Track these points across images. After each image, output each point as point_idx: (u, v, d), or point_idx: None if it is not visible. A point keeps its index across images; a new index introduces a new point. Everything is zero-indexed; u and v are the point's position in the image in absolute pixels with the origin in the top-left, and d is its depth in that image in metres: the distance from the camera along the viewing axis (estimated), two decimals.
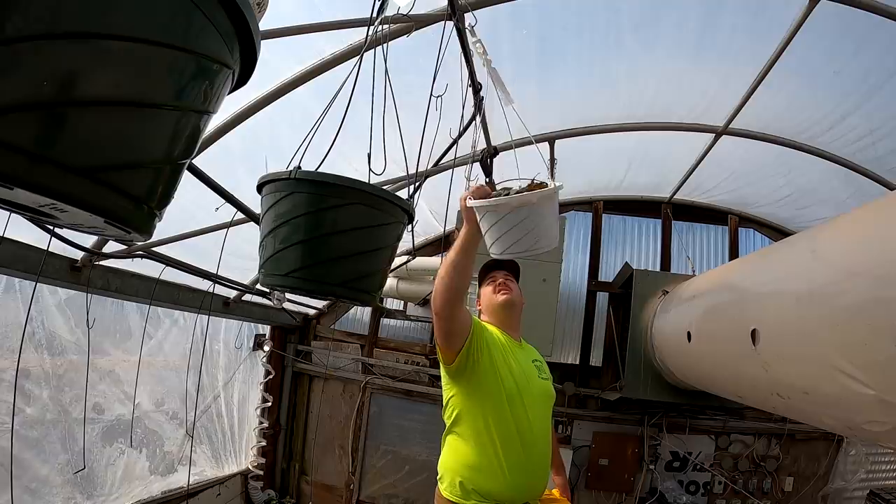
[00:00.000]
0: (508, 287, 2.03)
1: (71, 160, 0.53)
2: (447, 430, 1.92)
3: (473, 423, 1.82)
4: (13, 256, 2.19)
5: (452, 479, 1.82)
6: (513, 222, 1.37)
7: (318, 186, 1.19)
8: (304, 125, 1.42)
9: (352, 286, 1.24)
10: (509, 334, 2.01)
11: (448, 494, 1.82)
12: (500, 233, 1.39)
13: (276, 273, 1.20)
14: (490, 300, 2.05)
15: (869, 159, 3.28)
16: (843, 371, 1.30)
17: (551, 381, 2.11)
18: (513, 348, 1.96)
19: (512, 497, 1.78)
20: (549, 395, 2.02)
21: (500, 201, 1.37)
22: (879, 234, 1.29)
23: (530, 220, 1.35)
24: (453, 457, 1.85)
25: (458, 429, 1.87)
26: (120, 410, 3.09)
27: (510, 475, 1.76)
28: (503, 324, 2.02)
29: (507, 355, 1.91)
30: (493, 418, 1.80)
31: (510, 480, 1.76)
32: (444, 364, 1.85)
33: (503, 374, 1.84)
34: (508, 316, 2.03)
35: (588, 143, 3.64)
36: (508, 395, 1.82)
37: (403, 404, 4.65)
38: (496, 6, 2.30)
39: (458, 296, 1.68)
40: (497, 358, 1.86)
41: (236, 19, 0.68)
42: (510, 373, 1.86)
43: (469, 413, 1.84)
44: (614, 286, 4.41)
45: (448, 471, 1.85)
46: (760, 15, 2.46)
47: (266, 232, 1.23)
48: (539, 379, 1.98)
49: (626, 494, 4.25)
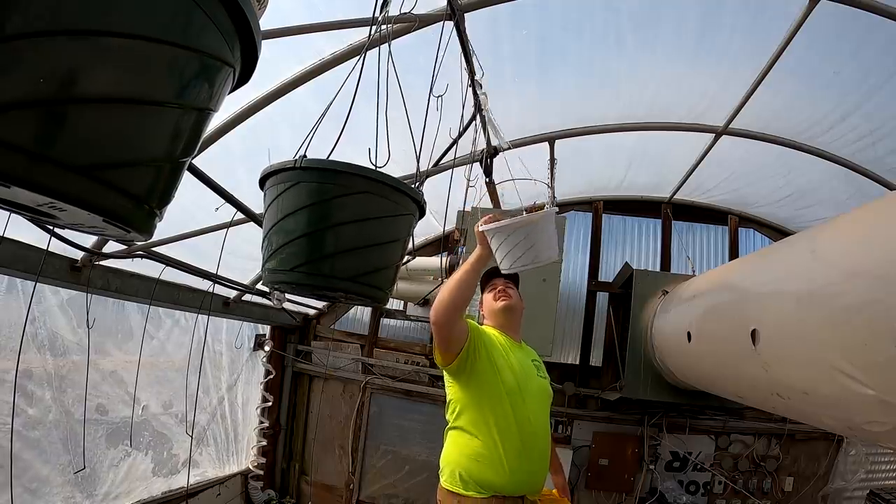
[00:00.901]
0: (508, 294, 2.16)
1: (70, 159, 0.52)
2: (449, 426, 2.01)
3: (474, 416, 1.91)
4: (13, 256, 2.19)
5: (453, 471, 1.89)
6: (516, 240, 1.62)
7: (325, 175, 1.14)
8: (304, 125, 1.41)
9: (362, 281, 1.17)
10: (509, 336, 2.13)
11: (448, 485, 1.89)
12: (507, 249, 1.65)
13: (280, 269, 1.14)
14: (491, 306, 2.18)
15: (869, 159, 3.28)
16: (842, 371, 1.30)
17: (549, 380, 2.20)
18: (512, 348, 2.07)
19: (511, 488, 1.85)
20: (548, 392, 2.12)
21: (504, 224, 1.63)
22: (879, 235, 1.29)
23: (531, 238, 1.61)
24: (455, 449, 1.94)
25: (459, 423, 1.95)
26: (125, 412, 3.08)
27: (509, 466, 1.83)
28: (503, 326, 2.14)
29: (507, 354, 2.01)
30: (492, 411, 1.89)
31: (509, 471, 1.83)
32: (442, 366, 1.94)
33: (502, 371, 1.94)
34: (508, 320, 2.15)
35: (588, 142, 3.64)
36: (508, 390, 1.91)
37: (403, 404, 4.65)
38: (496, 6, 2.30)
39: (461, 309, 1.81)
40: (496, 356, 1.97)
41: (237, 17, 0.68)
42: (510, 369, 1.96)
43: (469, 407, 1.93)
44: (614, 286, 4.41)
45: (449, 463, 1.93)
46: (760, 15, 2.46)
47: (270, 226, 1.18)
48: (538, 377, 2.09)
49: (626, 494, 4.25)
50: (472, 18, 2.23)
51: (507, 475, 1.83)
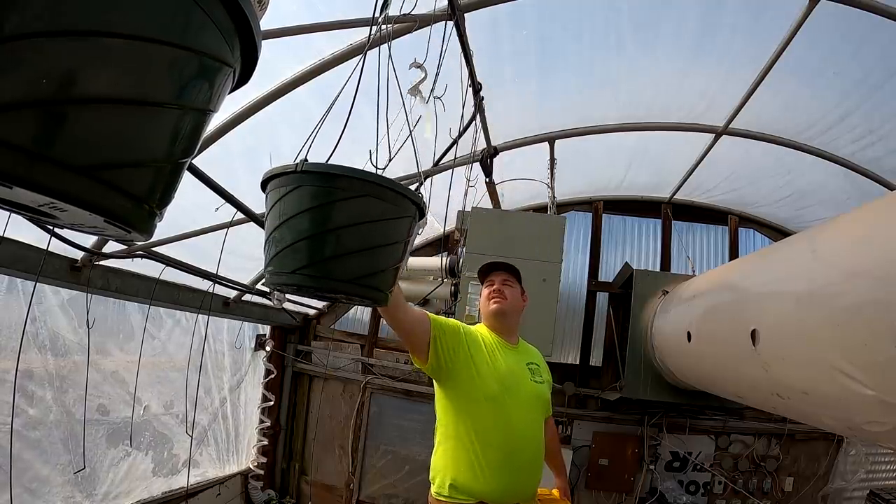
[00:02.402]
0: (503, 295, 2.01)
1: (70, 158, 0.52)
2: (435, 431, 1.94)
3: (453, 424, 1.84)
4: (13, 256, 2.19)
5: (440, 479, 1.83)
6: None
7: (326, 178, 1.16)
8: (304, 125, 1.42)
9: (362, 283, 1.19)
10: (502, 337, 2.01)
11: (435, 494, 1.83)
12: None
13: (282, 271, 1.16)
14: (484, 306, 2.06)
15: (869, 159, 3.28)
16: (843, 371, 1.30)
17: (549, 384, 2.10)
18: (502, 350, 1.96)
19: (494, 496, 1.77)
20: (541, 397, 2.00)
21: None
22: (879, 234, 1.29)
23: None
24: (439, 459, 1.87)
25: (441, 429, 1.89)
26: (126, 412, 3.07)
27: (491, 474, 1.76)
28: (495, 329, 2.03)
29: (494, 355, 1.91)
30: (471, 417, 1.81)
31: (490, 480, 1.76)
32: (421, 367, 1.84)
33: (484, 375, 1.84)
34: (501, 323, 2.02)
35: (588, 142, 3.64)
36: (488, 395, 1.81)
37: (403, 404, 4.65)
38: (496, 6, 2.30)
39: (391, 311, 1.64)
40: (478, 360, 1.86)
41: (237, 17, 0.68)
42: (493, 372, 1.85)
43: (449, 412, 1.86)
44: (614, 286, 4.41)
45: (437, 472, 1.87)
46: (760, 15, 2.46)
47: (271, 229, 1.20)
48: (531, 382, 1.96)
49: (626, 494, 4.25)
50: (472, 18, 2.24)
51: (486, 483, 1.75)
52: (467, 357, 1.84)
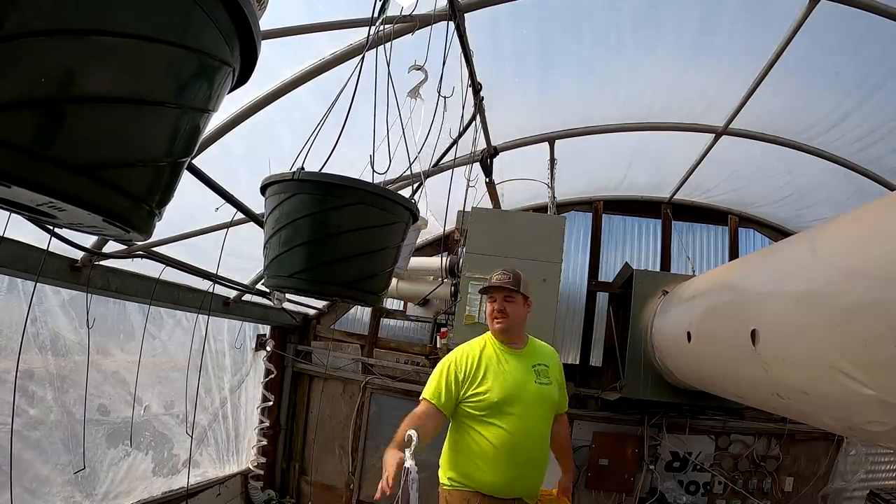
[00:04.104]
0: (505, 314, 2.13)
1: (70, 158, 0.52)
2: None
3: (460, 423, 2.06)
4: (13, 256, 2.19)
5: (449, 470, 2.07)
6: None
7: (322, 187, 1.19)
8: (304, 125, 1.42)
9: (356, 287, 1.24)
10: (507, 344, 2.16)
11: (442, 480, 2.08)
12: None
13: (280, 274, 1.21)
14: (488, 322, 2.20)
15: (869, 159, 3.28)
16: (843, 371, 1.30)
17: (556, 384, 2.20)
18: (506, 358, 2.11)
19: (497, 489, 1.97)
20: (547, 398, 2.12)
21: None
22: (879, 234, 1.29)
23: None
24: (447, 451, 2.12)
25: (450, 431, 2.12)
26: (126, 412, 3.07)
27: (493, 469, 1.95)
28: (500, 339, 2.17)
29: (498, 367, 2.07)
30: (476, 420, 2.01)
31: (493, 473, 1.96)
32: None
33: (489, 388, 2.02)
34: (505, 335, 2.16)
35: (588, 142, 3.64)
36: (492, 402, 1.99)
37: (403, 404, 4.64)
38: (496, 6, 2.30)
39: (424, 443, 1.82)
40: (481, 377, 2.05)
41: (236, 16, 0.68)
42: (497, 382, 2.02)
43: (455, 417, 2.07)
44: (614, 286, 4.41)
45: (444, 462, 2.11)
46: (760, 15, 2.45)
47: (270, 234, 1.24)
48: (536, 384, 2.09)
49: (626, 494, 4.25)
50: (472, 18, 2.23)
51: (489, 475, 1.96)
52: (468, 385, 2.04)
